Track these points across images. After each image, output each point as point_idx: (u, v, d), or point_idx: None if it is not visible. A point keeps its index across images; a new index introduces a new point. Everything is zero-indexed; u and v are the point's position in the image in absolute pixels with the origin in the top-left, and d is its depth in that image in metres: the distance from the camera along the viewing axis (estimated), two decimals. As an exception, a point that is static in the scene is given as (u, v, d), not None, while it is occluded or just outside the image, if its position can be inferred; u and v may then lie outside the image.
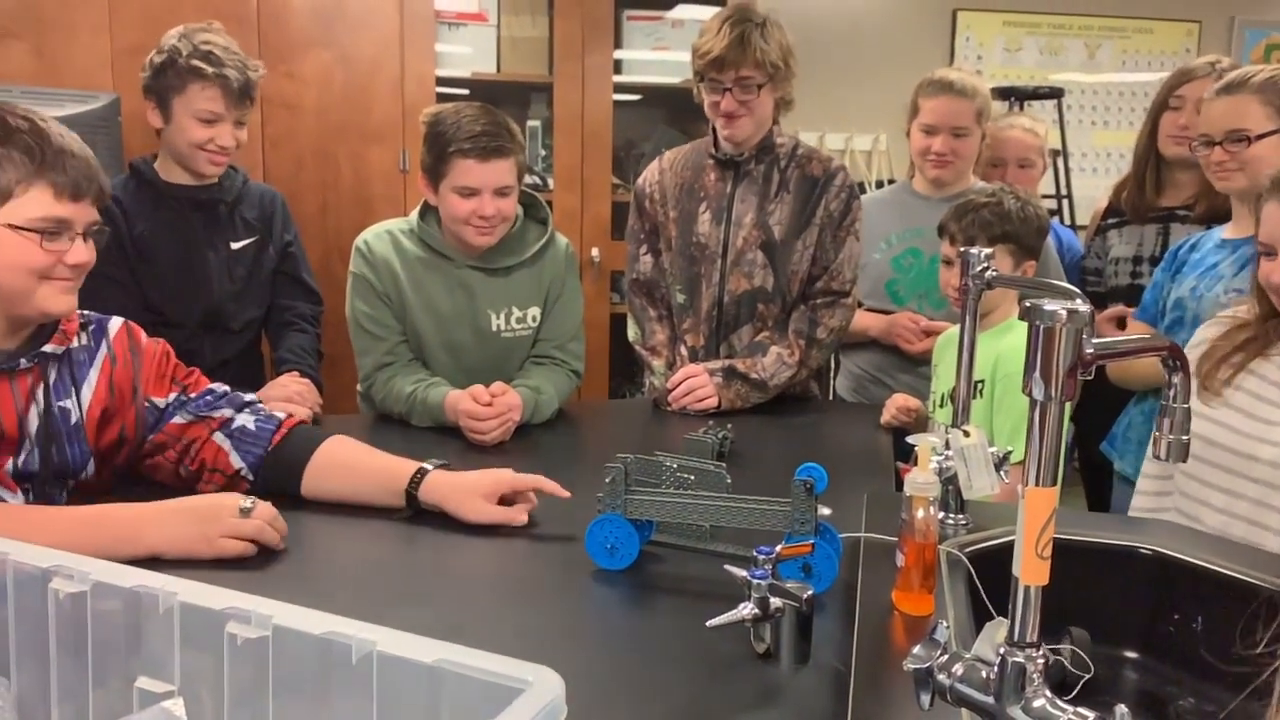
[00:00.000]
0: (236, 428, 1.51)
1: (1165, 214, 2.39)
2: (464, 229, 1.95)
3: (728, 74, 2.04)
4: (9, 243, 1.29)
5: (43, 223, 1.30)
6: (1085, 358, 0.72)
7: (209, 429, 1.51)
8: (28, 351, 1.37)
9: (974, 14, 4.57)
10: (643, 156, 3.49)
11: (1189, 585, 1.24)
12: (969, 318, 1.38)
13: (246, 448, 1.50)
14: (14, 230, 1.29)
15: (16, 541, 0.80)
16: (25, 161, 1.29)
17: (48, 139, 1.31)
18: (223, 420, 1.51)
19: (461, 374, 2.02)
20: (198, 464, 1.51)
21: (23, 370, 1.37)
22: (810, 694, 0.99)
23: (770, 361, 2.13)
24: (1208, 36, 4.73)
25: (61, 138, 1.33)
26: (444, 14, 3.18)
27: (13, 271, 1.30)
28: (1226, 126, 1.92)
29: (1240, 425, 1.50)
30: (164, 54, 2.00)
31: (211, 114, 2.02)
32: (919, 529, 1.10)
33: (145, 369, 1.50)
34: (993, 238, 1.87)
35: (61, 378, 1.41)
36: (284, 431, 1.53)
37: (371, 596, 1.21)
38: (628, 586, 1.24)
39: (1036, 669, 0.74)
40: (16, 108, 1.34)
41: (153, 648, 0.74)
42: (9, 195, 1.29)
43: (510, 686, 0.63)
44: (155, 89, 2.04)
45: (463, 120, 1.90)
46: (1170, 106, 2.35)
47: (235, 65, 2.02)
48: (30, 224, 1.29)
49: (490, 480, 1.46)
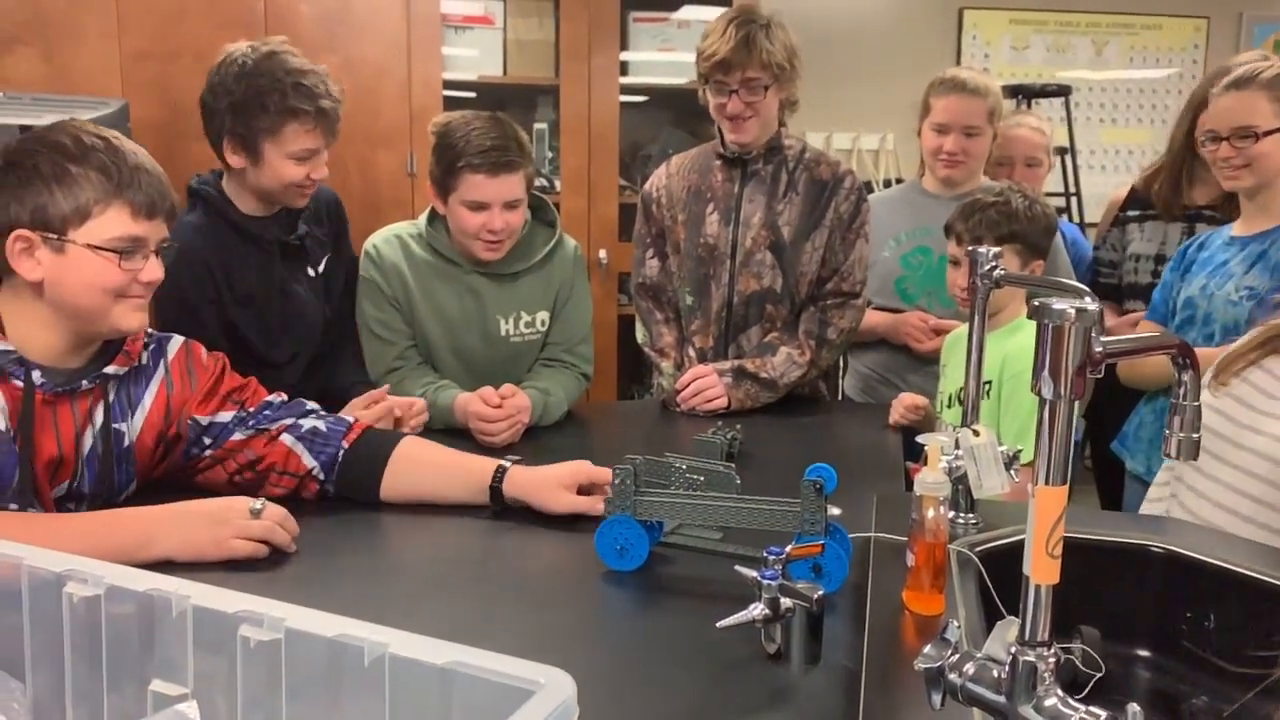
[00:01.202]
0: (307, 430, 1.51)
1: (1193, 213, 2.37)
2: (473, 244, 1.96)
3: (733, 76, 2.03)
4: (88, 263, 1.29)
5: (120, 242, 1.30)
6: (1094, 356, 0.72)
7: (269, 438, 1.50)
8: (90, 372, 1.37)
9: (980, 12, 4.56)
10: (649, 158, 3.50)
11: (1201, 583, 1.23)
12: (978, 317, 1.38)
13: (319, 448, 1.50)
14: (93, 250, 1.29)
15: (30, 547, 0.80)
16: (103, 181, 1.29)
17: (123, 157, 1.31)
18: (285, 428, 1.51)
19: (470, 378, 2.02)
20: (263, 469, 1.49)
21: (84, 391, 1.36)
22: (821, 694, 0.98)
23: (780, 361, 2.13)
24: (1216, 32, 4.71)
25: (135, 155, 1.34)
26: (450, 17, 3.19)
27: (91, 291, 1.30)
28: (1234, 123, 1.92)
29: (1235, 413, 1.52)
30: (248, 91, 1.74)
31: (308, 151, 1.82)
32: (929, 529, 1.10)
33: (199, 388, 1.49)
34: (1000, 237, 1.87)
35: (119, 399, 1.41)
36: (356, 433, 1.54)
37: (382, 598, 1.21)
38: (638, 587, 1.25)
39: (1048, 668, 0.74)
40: (89, 125, 1.34)
41: (166, 651, 0.75)
42: (87, 215, 1.28)
43: (522, 688, 0.63)
44: (239, 131, 1.78)
45: (472, 133, 1.89)
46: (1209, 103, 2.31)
47: (326, 93, 1.80)
48: (109, 244, 1.29)
49: (569, 471, 1.48)
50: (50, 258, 1.28)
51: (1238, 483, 1.47)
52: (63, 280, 1.29)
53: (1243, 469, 1.47)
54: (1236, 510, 1.46)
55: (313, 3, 2.97)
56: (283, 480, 1.50)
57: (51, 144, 1.30)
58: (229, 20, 2.90)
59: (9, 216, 1.27)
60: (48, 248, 1.28)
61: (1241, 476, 1.47)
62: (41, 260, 1.28)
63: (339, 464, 1.51)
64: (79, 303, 1.31)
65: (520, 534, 1.44)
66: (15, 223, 1.27)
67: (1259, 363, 1.54)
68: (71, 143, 1.30)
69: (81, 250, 1.28)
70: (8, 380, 1.29)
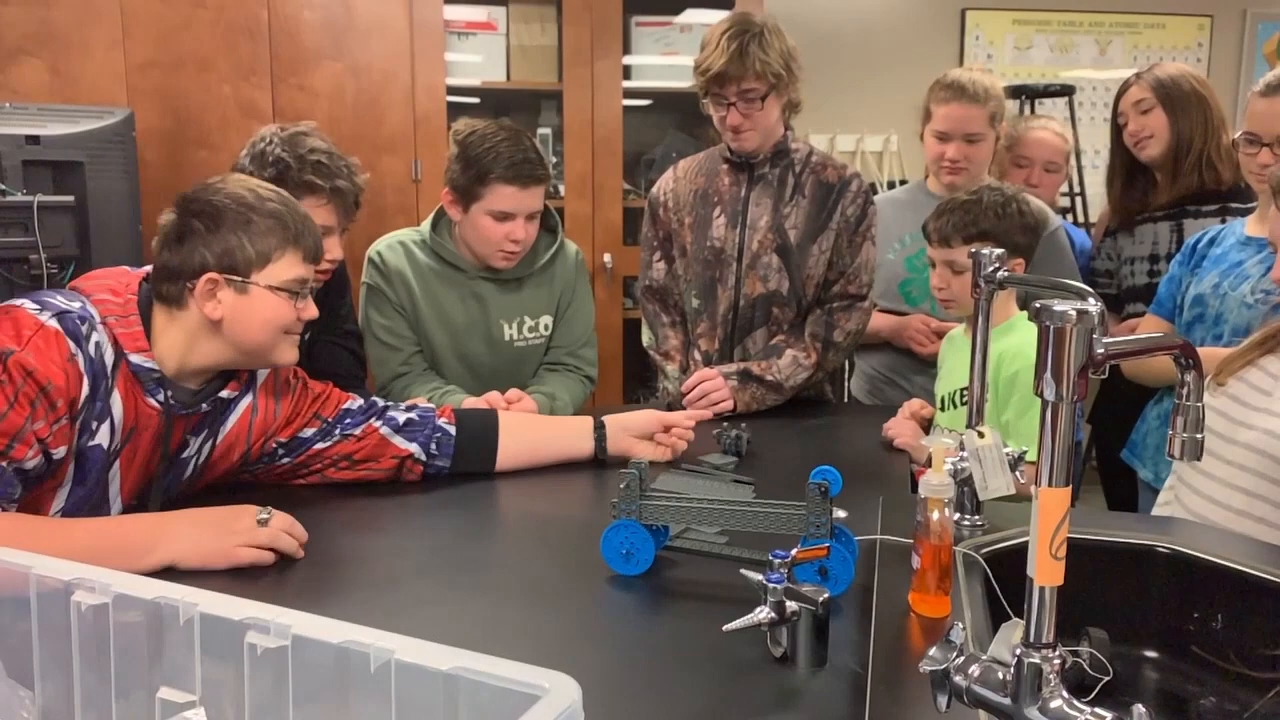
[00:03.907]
0: (398, 421, 1.61)
1: (1175, 210, 2.38)
2: (493, 253, 1.98)
3: (730, 89, 2.02)
4: (268, 303, 1.39)
5: (293, 284, 1.41)
6: (1096, 358, 0.72)
7: (357, 439, 1.58)
8: (208, 395, 1.43)
9: (983, 13, 4.56)
10: (653, 162, 3.50)
11: (1209, 584, 1.23)
12: (980, 318, 1.38)
13: (413, 432, 1.61)
14: (273, 291, 1.39)
15: (39, 555, 0.81)
16: (280, 229, 1.40)
17: (294, 207, 1.43)
18: (373, 428, 1.59)
19: (475, 383, 2.03)
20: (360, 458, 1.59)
21: (182, 416, 1.41)
22: (827, 697, 0.99)
23: (785, 363, 2.13)
24: (1220, 31, 4.70)
25: (299, 206, 1.45)
26: (453, 23, 3.19)
27: (267, 328, 1.40)
28: (1277, 129, 1.92)
29: (1230, 410, 1.53)
30: (271, 167, 1.78)
31: (323, 228, 1.80)
32: (934, 531, 1.10)
33: (283, 414, 1.54)
34: (968, 237, 1.85)
35: (208, 419, 1.46)
36: (447, 414, 1.65)
37: (388, 605, 1.21)
38: (644, 591, 1.25)
39: (1053, 669, 0.74)
40: (254, 181, 1.45)
41: (174, 658, 0.75)
42: (268, 260, 1.39)
43: (528, 693, 0.63)
44: None
45: (501, 145, 1.92)
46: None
47: (345, 175, 1.84)
48: (285, 285, 1.40)
49: (648, 419, 1.73)
50: (232, 298, 1.37)
51: (1231, 478, 1.48)
52: (241, 318, 1.38)
53: (1235, 464, 1.48)
54: (1229, 505, 1.47)
55: (316, 10, 2.98)
56: (381, 464, 1.60)
57: (232, 195, 1.39)
58: (234, 30, 2.92)
59: (198, 261, 1.36)
60: (231, 289, 1.37)
61: (1235, 471, 1.48)
62: (223, 300, 1.37)
63: (455, 442, 1.62)
64: (255, 338, 1.40)
65: (525, 539, 1.45)
66: (204, 266, 1.36)
67: (1256, 361, 1.55)
68: (250, 194, 1.40)
69: (263, 291, 1.38)
70: (145, 397, 1.36)
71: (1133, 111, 2.40)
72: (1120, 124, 2.46)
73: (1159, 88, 2.35)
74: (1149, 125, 2.37)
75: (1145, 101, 2.37)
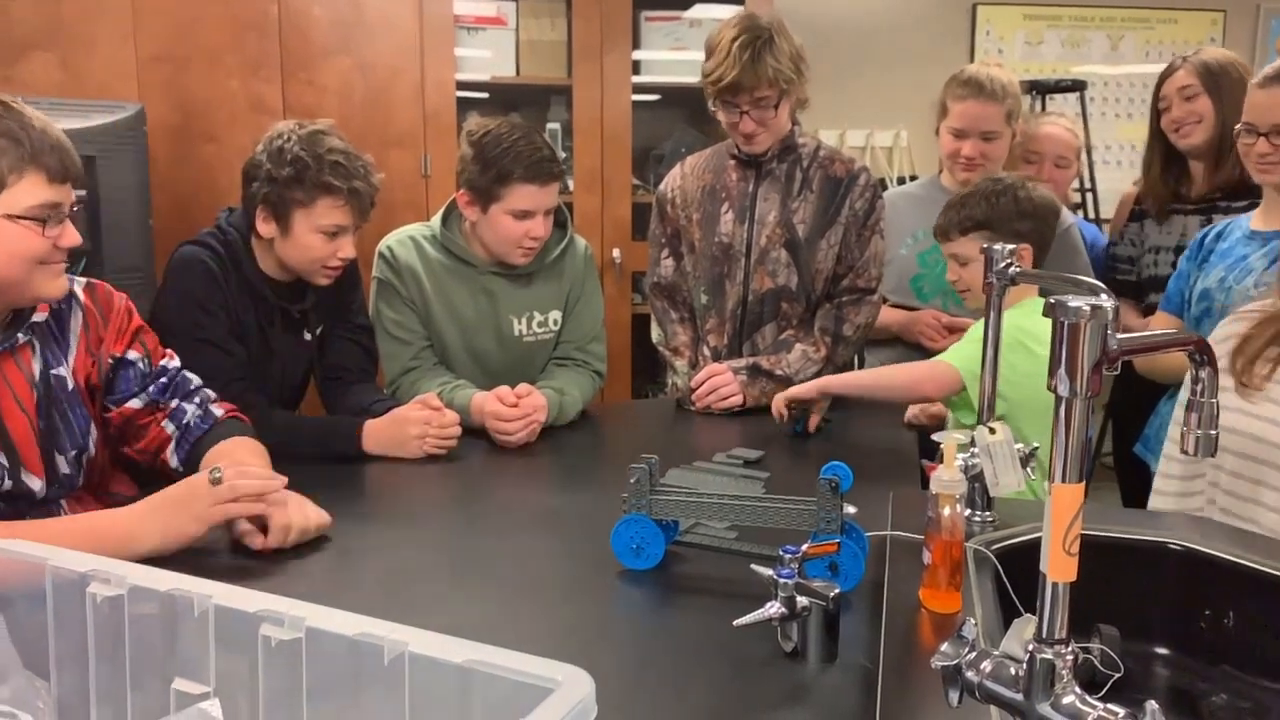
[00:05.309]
0: (185, 421, 1.53)
1: (1206, 205, 2.35)
2: (512, 251, 1.98)
3: (742, 98, 2.01)
4: (10, 233, 1.26)
5: (40, 210, 1.28)
6: (1110, 353, 0.72)
7: (155, 419, 1.52)
8: (19, 325, 1.37)
9: (994, 8, 4.54)
10: (663, 157, 3.50)
11: (1220, 581, 1.23)
12: (993, 314, 1.37)
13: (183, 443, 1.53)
14: (13, 220, 1.26)
15: (55, 548, 0.81)
16: (13, 148, 1.25)
17: (30, 123, 1.27)
18: (170, 410, 1.53)
19: (485, 378, 2.03)
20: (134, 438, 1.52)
21: (22, 345, 1.37)
22: (838, 692, 0.99)
23: (795, 358, 2.13)
24: (1233, 26, 4.68)
25: (39, 119, 1.29)
26: (462, 19, 3.19)
27: (14, 261, 1.28)
28: (1274, 120, 1.89)
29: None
30: (288, 164, 1.76)
31: (338, 228, 1.82)
32: (945, 526, 1.10)
33: (112, 325, 1.50)
34: (965, 229, 1.85)
35: (49, 346, 1.42)
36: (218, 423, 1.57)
37: (401, 598, 1.22)
38: (654, 586, 1.25)
39: (1065, 665, 0.74)
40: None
41: (189, 650, 0.76)
42: (3, 185, 1.25)
43: (541, 686, 0.63)
44: (272, 199, 1.80)
45: (518, 145, 1.92)
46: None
47: (362, 176, 1.83)
48: (29, 212, 1.27)
49: None
50: None
51: None
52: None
53: None
54: None
55: (326, 5, 2.98)
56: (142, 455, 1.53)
57: None
58: (243, 24, 2.92)
59: None
60: None
61: None
62: None
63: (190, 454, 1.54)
64: (2, 274, 1.28)
65: (536, 533, 1.45)
66: None
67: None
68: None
69: (1, 221, 1.26)
70: None
71: (1177, 97, 2.31)
72: (1161, 109, 2.36)
73: (1206, 74, 2.26)
74: (1196, 111, 2.28)
75: (1191, 87, 2.28)
